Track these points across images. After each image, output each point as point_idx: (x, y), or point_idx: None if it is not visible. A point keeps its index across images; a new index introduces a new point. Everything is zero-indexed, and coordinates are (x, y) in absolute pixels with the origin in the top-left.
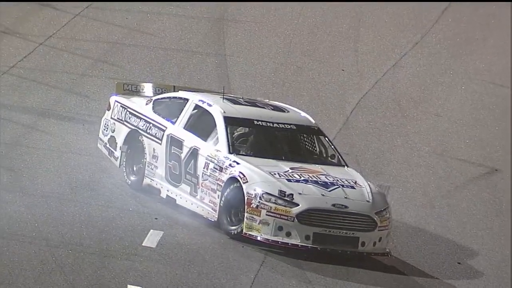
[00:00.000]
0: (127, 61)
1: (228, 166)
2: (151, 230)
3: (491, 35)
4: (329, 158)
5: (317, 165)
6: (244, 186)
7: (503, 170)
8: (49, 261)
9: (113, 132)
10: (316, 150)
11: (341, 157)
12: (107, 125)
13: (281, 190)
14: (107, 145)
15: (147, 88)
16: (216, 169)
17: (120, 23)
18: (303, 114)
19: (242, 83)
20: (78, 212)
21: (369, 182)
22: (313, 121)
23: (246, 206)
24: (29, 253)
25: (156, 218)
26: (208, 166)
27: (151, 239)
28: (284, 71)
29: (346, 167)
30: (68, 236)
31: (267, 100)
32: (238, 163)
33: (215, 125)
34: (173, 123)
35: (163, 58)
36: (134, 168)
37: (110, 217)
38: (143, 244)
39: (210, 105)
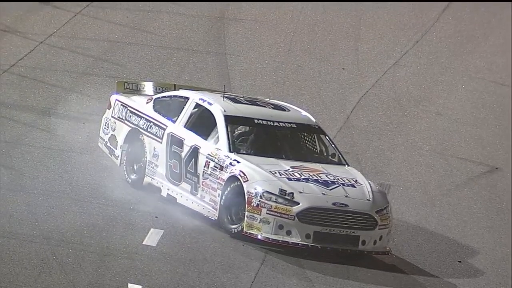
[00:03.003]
0: (127, 59)
1: (228, 164)
2: (152, 229)
3: (492, 34)
4: (330, 157)
5: (317, 164)
6: (244, 185)
7: (503, 169)
8: (49, 260)
9: (113, 130)
10: (316, 149)
11: (341, 156)
12: (108, 123)
13: (281, 189)
14: (108, 144)
15: (148, 87)
16: (217, 167)
17: (121, 21)
18: (303, 113)
19: (243, 81)
20: (79, 210)
21: (369, 181)
22: (313, 119)
23: (246, 205)
24: (30, 252)
25: (156, 217)
26: (208, 164)
27: (152, 238)
28: (285, 70)
29: (346, 166)
30: (68, 235)
31: (268, 99)
32: (238, 162)
33: (215, 124)
34: (174, 121)
35: (163, 57)
36: (135, 167)
37: (110, 216)
38: (143, 243)
39: (210, 104)
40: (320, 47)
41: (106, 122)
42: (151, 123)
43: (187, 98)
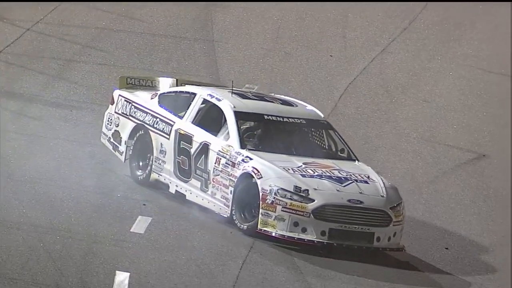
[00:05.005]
0: (115, 47)
1: (240, 161)
2: (140, 216)
3: (479, 21)
4: (339, 153)
5: (328, 160)
6: (258, 181)
7: (490, 156)
8: (37, 247)
9: (117, 126)
10: (325, 145)
11: (351, 151)
12: (111, 119)
13: (296, 186)
14: (111, 140)
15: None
16: (228, 164)
17: (108, 8)
18: (310, 107)
19: (231, 69)
20: (66, 198)
21: (381, 177)
22: (322, 115)
23: (261, 202)
24: (17, 239)
25: (144, 204)
26: (219, 161)
27: (140, 225)
28: (273, 57)
29: (357, 161)
30: (56, 222)
31: (273, 94)
32: (251, 159)
33: (225, 120)
34: (181, 117)
35: (151, 44)
36: (140, 163)
37: (98, 203)
38: (131, 230)
39: (219, 100)
40: (308, 34)
41: (109, 118)
42: (158, 119)
43: (194, 94)
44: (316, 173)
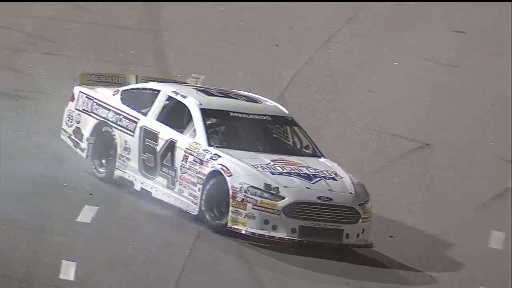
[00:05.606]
0: (62, 36)
1: (209, 159)
2: (86, 206)
3: (425, 12)
4: (304, 149)
5: (295, 157)
6: (228, 179)
7: (434, 145)
8: None
9: (78, 123)
10: (290, 141)
11: (316, 147)
12: (71, 116)
13: (266, 183)
14: (72, 136)
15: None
16: (196, 162)
17: None
18: (272, 103)
19: (178, 58)
20: (12, 187)
21: (349, 174)
22: (286, 111)
23: (231, 200)
24: None
25: (91, 194)
26: (187, 159)
27: (86, 214)
28: (219, 47)
29: (322, 157)
30: (2, 212)
31: (234, 90)
32: (219, 156)
33: (190, 117)
34: (145, 114)
35: (98, 34)
36: (103, 160)
37: (44, 193)
38: (77, 220)
39: (184, 97)
40: (255, 24)
41: (69, 115)
42: (121, 116)
43: (158, 91)
44: (285, 170)
